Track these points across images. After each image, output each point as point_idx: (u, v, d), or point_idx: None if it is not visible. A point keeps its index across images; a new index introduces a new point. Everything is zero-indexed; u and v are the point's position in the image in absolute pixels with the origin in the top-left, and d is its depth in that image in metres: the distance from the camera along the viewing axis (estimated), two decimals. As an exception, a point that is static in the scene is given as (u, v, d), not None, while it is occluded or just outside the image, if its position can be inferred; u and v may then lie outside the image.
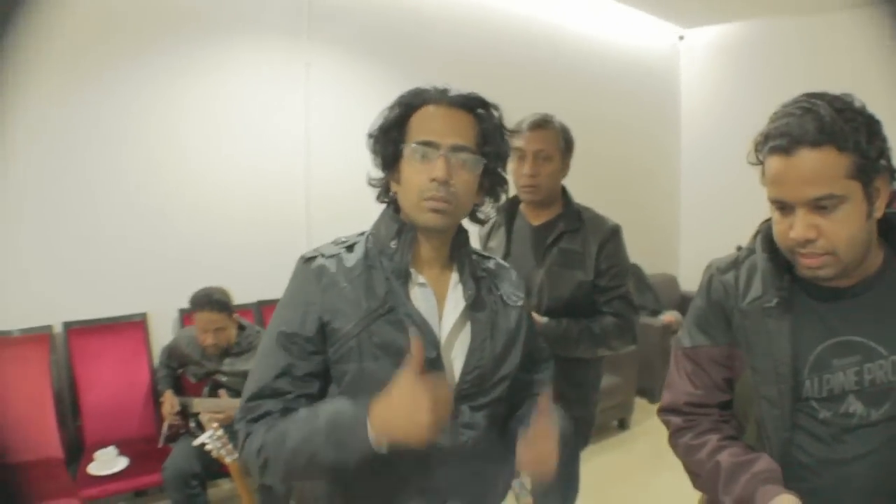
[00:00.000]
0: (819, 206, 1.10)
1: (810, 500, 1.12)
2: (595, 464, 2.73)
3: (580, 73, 5.40)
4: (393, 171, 1.32)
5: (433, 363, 1.24)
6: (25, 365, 3.25)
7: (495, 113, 1.32)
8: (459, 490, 1.28)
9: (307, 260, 1.31)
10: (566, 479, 2.38)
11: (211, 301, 3.05)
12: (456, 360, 1.29)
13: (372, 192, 1.38)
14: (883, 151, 1.12)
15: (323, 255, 1.31)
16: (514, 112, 1.68)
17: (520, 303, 1.42)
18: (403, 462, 1.19)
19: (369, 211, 1.42)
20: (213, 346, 3.09)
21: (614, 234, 2.23)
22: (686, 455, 1.35)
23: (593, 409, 2.39)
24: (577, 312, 2.18)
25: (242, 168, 3.90)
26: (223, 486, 3.58)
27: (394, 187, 1.33)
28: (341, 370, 1.25)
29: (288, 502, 3.24)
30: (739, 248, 1.37)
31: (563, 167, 2.28)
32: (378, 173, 1.35)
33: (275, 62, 3.97)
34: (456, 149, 1.24)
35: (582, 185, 2.55)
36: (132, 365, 3.52)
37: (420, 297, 1.29)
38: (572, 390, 2.18)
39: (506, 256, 2.28)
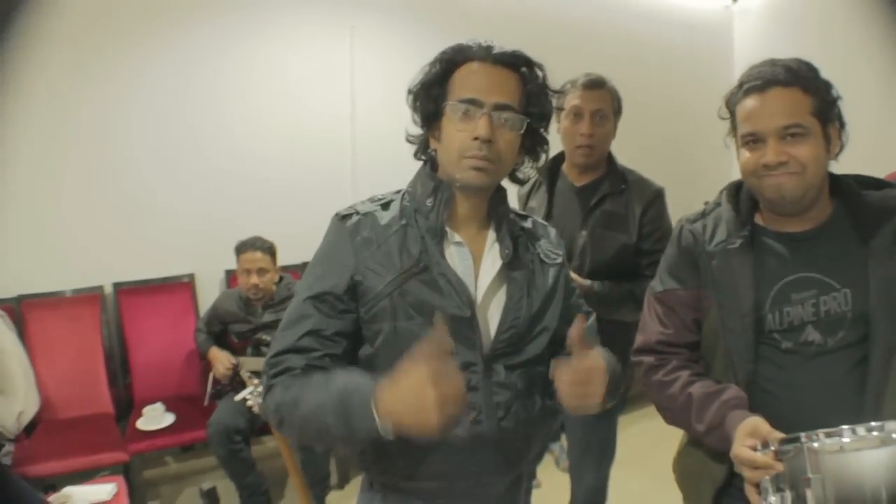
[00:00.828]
0: (789, 133, 1.26)
1: (775, 424, 1.20)
2: (631, 431, 2.70)
3: (630, 35, 5.25)
4: (433, 129, 1.29)
5: (468, 322, 1.23)
6: (78, 324, 3.37)
7: (539, 72, 1.29)
8: (493, 453, 1.26)
9: (343, 217, 1.29)
10: (602, 443, 2.36)
11: (256, 242, 3.15)
12: (492, 318, 1.28)
13: None
14: (835, 104, 1.31)
15: (357, 213, 1.29)
16: (561, 74, 1.65)
17: (558, 260, 1.39)
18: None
19: (414, 172, 1.39)
20: (256, 287, 3.16)
21: (658, 197, 2.18)
22: (659, 391, 1.44)
23: (631, 372, 2.36)
24: (620, 275, 2.14)
25: (287, 131, 3.91)
26: (267, 444, 3.66)
27: (433, 144, 1.31)
28: (374, 330, 1.24)
29: (328, 459, 3.30)
30: (706, 203, 1.49)
31: (614, 129, 2.24)
32: (417, 130, 1.33)
33: (318, 25, 3.96)
34: (499, 107, 1.22)
35: (631, 151, 2.49)
36: (180, 325, 3.60)
37: (456, 256, 1.27)
38: (610, 352, 2.15)
39: (547, 217, 2.24)
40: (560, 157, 2.31)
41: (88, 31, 3.31)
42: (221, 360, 3.20)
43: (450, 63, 1.26)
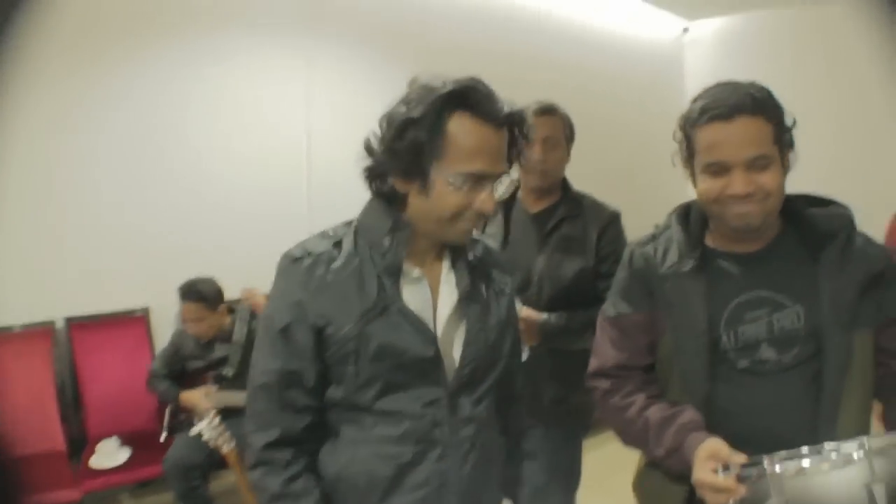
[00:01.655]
0: (756, 164, 1.25)
1: (733, 443, 1.20)
2: (596, 455, 2.71)
3: (584, 65, 5.37)
4: (415, 180, 1.19)
5: (432, 361, 1.23)
6: (28, 359, 3.26)
7: (528, 128, 1.24)
8: (459, 485, 1.26)
9: (295, 260, 1.24)
10: (567, 469, 2.35)
11: (191, 292, 3.10)
12: (455, 352, 1.28)
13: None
14: (790, 131, 1.32)
15: (310, 254, 1.24)
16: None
17: (507, 289, 1.40)
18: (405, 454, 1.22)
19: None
20: (198, 335, 3.16)
21: (614, 219, 2.21)
22: (615, 415, 1.43)
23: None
24: (579, 299, 2.15)
25: (244, 161, 3.90)
26: (226, 479, 3.57)
27: (402, 187, 1.21)
28: (340, 372, 1.23)
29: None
30: (657, 227, 1.49)
31: (567, 154, 2.26)
32: (376, 162, 1.23)
33: (275, 57, 3.97)
34: (498, 175, 1.22)
35: (585, 177, 2.53)
36: (134, 359, 3.52)
37: (415, 292, 1.26)
38: (573, 377, 2.16)
39: (504, 244, 2.26)
40: (515, 185, 2.33)
41: (53, 57, 3.26)
42: (199, 394, 3.11)
43: (443, 109, 1.14)
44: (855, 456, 1.02)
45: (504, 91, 1.23)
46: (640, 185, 5.98)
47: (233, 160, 3.86)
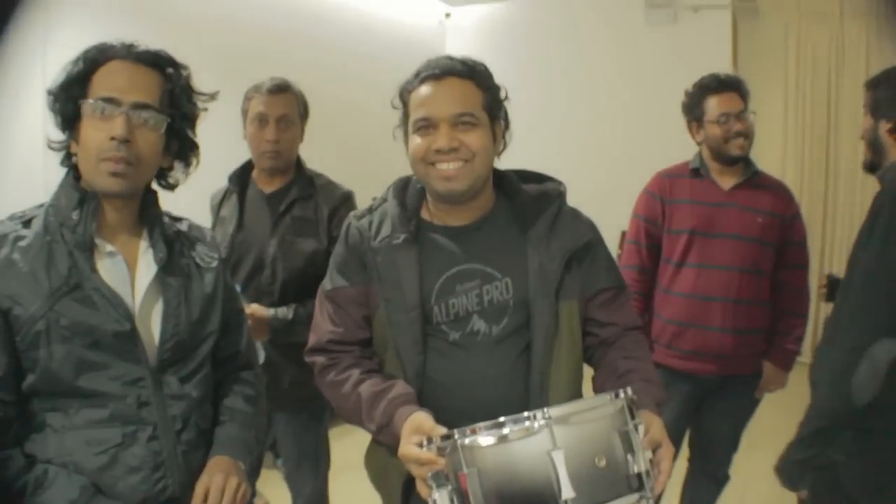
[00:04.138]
0: (461, 121, 1.30)
1: (444, 416, 1.23)
2: (352, 438, 2.74)
3: (343, 47, 5.32)
4: (74, 132, 1.24)
5: (129, 336, 1.20)
6: None
7: (184, 73, 1.29)
8: (176, 464, 1.25)
9: None
10: (314, 452, 2.34)
11: None
12: (155, 328, 1.25)
13: None
14: (502, 105, 1.40)
15: None
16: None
17: (214, 264, 1.39)
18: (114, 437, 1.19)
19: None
20: None
21: (346, 200, 2.20)
22: (332, 391, 1.43)
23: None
24: (314, 282, 2.11)
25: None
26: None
27: (74, 148, 1.25)
28: (32, 358, 1.16)
29: None
30: (374, 200, 1.50)
31: (301, 133, 2.22)
32: (60, 135, 1.26)
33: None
34: (138, 106, 1.20)
35: (338, 162, 2.51)
36: None
37: (110, 267, 1.23)
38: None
39: (238, 226, 2.18)
40: (249, 165, 2.26)
41: None
42: None
43: (92, 63, 1.23)
44: (536, 426, 1.07)
45: (255, 70, 1.31)
46: (400, 169, 6.08)
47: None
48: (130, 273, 1.25)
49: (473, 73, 1.34)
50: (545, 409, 1.09)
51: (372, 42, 5.54)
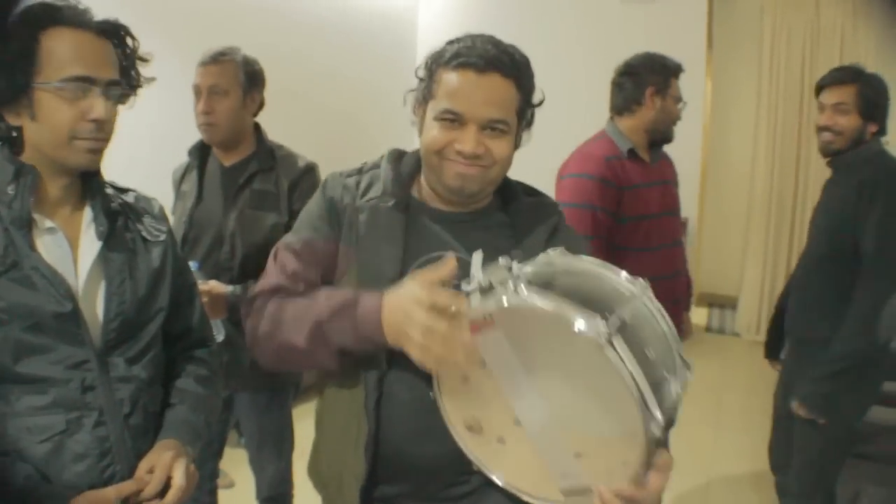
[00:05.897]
0: (492, 127, 1.20)
1: (407, 389, 1.22)
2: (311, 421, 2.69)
3: (313, 19, 5.20)
4: (15, 104, 1.12)
5: (71, 317, 1.13)
6: None
7: (135, 43, 1.23)
8: (124, 450, 1.19)
9: None
10: (277, 433, 2.30)
11: None
12: (100, 307, 1.19)
13: None
14: (533, 111, 1.28)
15: None
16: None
17: (162, 237, 1.32)
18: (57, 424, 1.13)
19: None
20: None
21: (307, 172, 2.13)
22: (268, 318, 1.24)
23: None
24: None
25: None
26: None
27: (14, 120, 1.14)
28: None
29: None
30: (364, 164, 1.38)
31: (249, 103, 2.12)
32: None
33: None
34: (112, 83, 1.16)
35: (308, 136, 2.43)
36: None
37: (50, 244, 1.16)
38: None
39: (198, 200, 2.12)
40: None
41: None
42: None
43: (34, 27, 1.11)
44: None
45: (218, 39, 1.22)
46: (370, 135, 6.00)
47: None
48: (73, 250, 1.18)
49: (518, 72, 1.21)
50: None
51: (343, 16, 5.44)
